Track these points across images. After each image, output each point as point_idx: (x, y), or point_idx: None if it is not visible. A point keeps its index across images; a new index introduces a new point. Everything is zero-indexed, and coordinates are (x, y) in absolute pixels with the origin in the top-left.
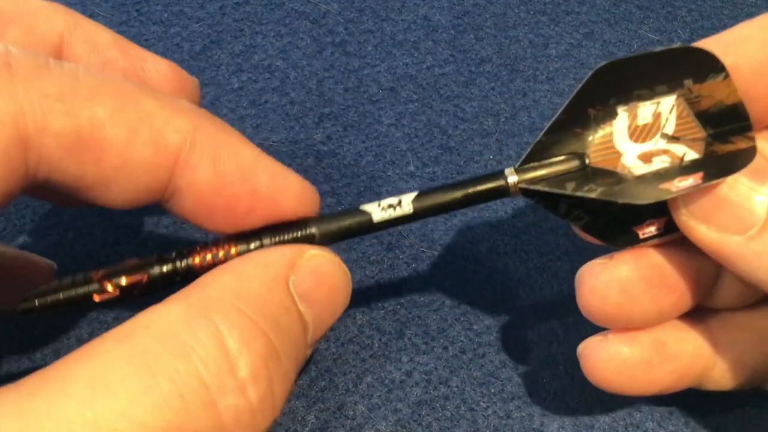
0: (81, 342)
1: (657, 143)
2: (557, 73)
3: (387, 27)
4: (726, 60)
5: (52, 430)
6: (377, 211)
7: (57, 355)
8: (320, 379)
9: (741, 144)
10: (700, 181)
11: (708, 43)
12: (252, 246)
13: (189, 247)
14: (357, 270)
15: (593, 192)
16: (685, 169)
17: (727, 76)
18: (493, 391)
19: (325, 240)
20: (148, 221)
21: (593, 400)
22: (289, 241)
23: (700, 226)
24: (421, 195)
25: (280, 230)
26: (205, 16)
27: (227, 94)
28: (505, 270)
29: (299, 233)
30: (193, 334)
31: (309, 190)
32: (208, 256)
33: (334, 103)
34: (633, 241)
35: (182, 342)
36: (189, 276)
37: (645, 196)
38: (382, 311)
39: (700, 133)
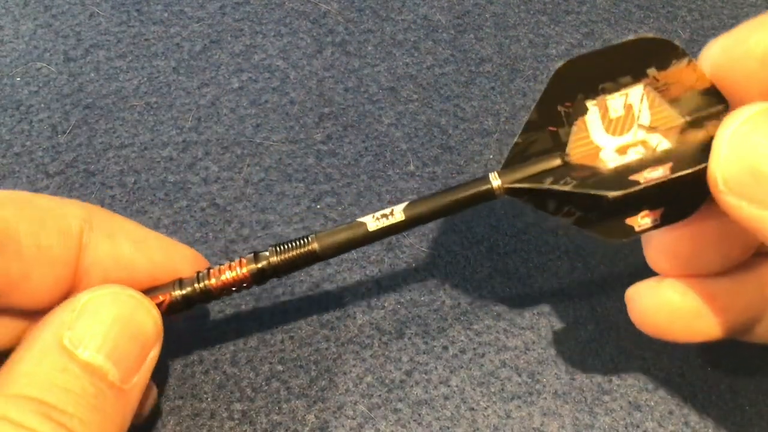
0: None
1: (636, 135)
2: None
3: (387, 27)
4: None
5: None
6: (371, 221)
7: None
8: (320, 379)
9: (713, 130)
10: (668, 172)
11: (751, 24)
12: (260, 265)
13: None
14: (357, 270)
15: (568, 185)
16: (656, 160)
17: (690, 60)
18: (492, 390)
19: (326, 253)
20: (148, 223)
21: (593, 400)
22: (293, 258)
23: (741, 202)
24: (411, 204)
25: (284, 249)
26: (205, 16)
27: (227, 94)
28: (505, 270)
29: (302, 249)
30: None
31: (200, 257)
32: (223, 277)
33: (334, 103)
34: (629, 233)
35: None
36: (207, 297)
37: (614, 187)
38: (382, 311)
39: (677, 120)
